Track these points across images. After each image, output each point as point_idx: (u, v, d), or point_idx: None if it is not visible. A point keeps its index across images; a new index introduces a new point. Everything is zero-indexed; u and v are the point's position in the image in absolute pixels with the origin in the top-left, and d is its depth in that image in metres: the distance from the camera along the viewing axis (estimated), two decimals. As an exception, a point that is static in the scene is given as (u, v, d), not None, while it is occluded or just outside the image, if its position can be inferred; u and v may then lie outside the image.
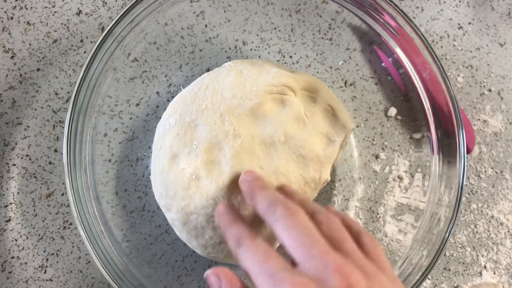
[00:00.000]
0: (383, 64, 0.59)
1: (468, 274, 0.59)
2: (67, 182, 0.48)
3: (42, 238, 0.55)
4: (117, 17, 0.50)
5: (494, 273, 0.60)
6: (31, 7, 0.59)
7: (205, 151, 0.49)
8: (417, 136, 0.57)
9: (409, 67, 0.55)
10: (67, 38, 0.58)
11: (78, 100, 0.49)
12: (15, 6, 0.58)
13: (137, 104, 0.57)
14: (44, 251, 0.55)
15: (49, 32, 0.58)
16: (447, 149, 0.52)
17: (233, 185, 0.49)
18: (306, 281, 0.34)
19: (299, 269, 0.36)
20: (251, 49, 0.60)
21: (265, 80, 0.51)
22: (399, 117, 0.59)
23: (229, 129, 0.49)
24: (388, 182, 0.58)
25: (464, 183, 0.50)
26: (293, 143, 0.50)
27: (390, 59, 0.58)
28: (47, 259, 0.55)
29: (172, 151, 0.51)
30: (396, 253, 0.53)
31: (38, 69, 0.58)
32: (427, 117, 0.54)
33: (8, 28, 0.58)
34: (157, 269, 0.54)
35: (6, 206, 0.55)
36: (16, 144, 0.56)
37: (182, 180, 0.50)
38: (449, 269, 0.59)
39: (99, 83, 0.51)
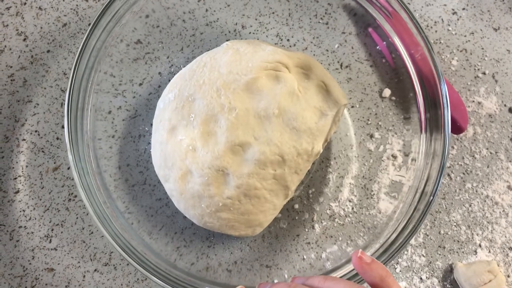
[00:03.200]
0: (377, 47, 0.61)
1: (463, 252, 0.60)
2: (70, 156, 0.50)
3: (48, 209, 0.58)
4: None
5: (489, 251, 0.60)
6: (43, -7, 0.62)
7: (201, 123, 0.52)
8: (408, 116, 0.58)
9: (402, 49, 0.57)
10: (76, 22, 0.62)
11: (76, 77, 0.52)
12: (28, -7, 0.62)
13: (140, 84, 0.60)
14: (50, 222, 0.58)
15: (59, 17, 0.62)
16: (435, 127, 0.54)
17: (228, 155, 0.51)
18: None
19: None
20: (249, 33, 0.63)
21: (260, 57, 0.53)
22: (393, 98, 0.60)
23: (225, 103, 0.52)
24: (382, 160, 0.59)
25: (448, 153, 0.51)
26: (286, 116, 0.52)
27: (385, 42, 0.60)
28: (52, 229, 0.58)
29: (170, 123, 0.53)
30: (386, 226, 0.55)
31: (48, 51, 0.61)
32: (416, 96, 0.56)
33: (21, 13, 0.62)
34: (157, 240, 0.57)
35: (15, 178, 0.58)
36: (26, 120, 0.59)
37: (180, 150, 0.52)
38: (444, 247, 0.60)
39: (99, 60, 0.54)
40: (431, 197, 0.50)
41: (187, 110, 0.53)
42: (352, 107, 0.61)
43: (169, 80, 0.56)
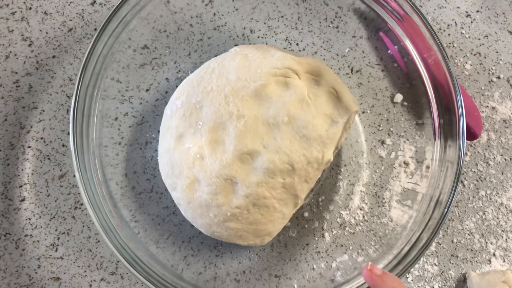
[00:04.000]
0: (389, 51, 0.59)
1: (476, 261, 0.59)
2: (74, 164, 0.49)
3: (54, 217, 0.57)
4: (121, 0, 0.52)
5: (504, 260, 0.59)
6: (48, -2, 0.61)
7: (209, 131, 0.51)
8: (421, 121, 0.57)
9: (414, 53, 0.55)
10: (81, 27, 0.61)
11: (82, 83, 0.51)
12: (34, -3, 0.61)
13: (147, 90, 0.59)
14: (56, 230, 0.57)
15: (65, 21, 0.61)
16: (449, 134, 0.52)
17: (237, 164, 0.50)
18: None
19: None
20: (258, 37, 0.61)
21: (269, 63, 0.52)
22: (405, 103, 0.59)
23: (233, 110, 0.50)
24: (394, 167, 0.58)
25: (463, 163, 0.50)
26: (296, 124, 0.51)
27: (396, 46, 0.58)
28: (58, 238, 0.57)
29: (178, 131, 0.52)
30: (400, 236, 0.53)
31: (53, 56, 0.60)
32: (430, 102, 0.54)
33: (26, 18, 0.61)
34: (164, 249, 0.56)
35: (21, 186, 0.57)
36: (31, 127, 0.59)
37: (187, 159, 0.51)
38: (457, 256, 0.59)
39: (105, 67, 0.53)
40: (446, 209, 0.49)
41: (195, 118, 0.52)
42: (363, 112, 0.60)
43: (177, 86, 0.55)
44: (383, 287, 0.41)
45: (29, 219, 0.57)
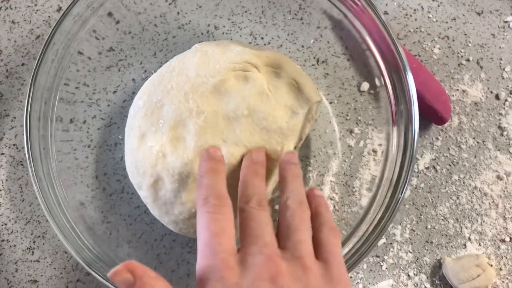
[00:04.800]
0: (353, 40, 0.59)
1: (451, 246, 0.58)
2: (30, 173, 0.50)
3: (29, 221, 0.58)
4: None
5: (480, 244, 0.58)
6: (15, 7, 0.62)
7: (170, 128, 0.51)
8: (381, 108, 0.57)
9: (371, 43, 0.55)
10: (48, 33, 0.62)
11: (35, 87, 0.51)
12: (1, 7, 0.62)
13: (114, 92, 0.60)
14: (31, 234, 0.58)
15: (32, 29, 0.62)
16: (406, 119, 0.52)
17: (198, 160, 0.50)
18: (238, 272, 0.37)
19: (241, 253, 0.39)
20: (223, 33, 0.62)
21: (228, 58, 0.52)
22: (371, 91, 0.59)
23: (193, 107, 0.51)
24: (363, 156, 0.58)
25: (416, 145, 0.49)
26: (256, 116, 0.51)
27: (358, 36, 0.58)
28: (34, 241, 0.58)
29: (140, 130, 0.53)
30: (364, 219, 0.53)
31: (23, 64, 0.61)
32: (387, 90, 0.54)
33: (-5, 28, 0.62)
34: (137, 248, 0.56)
35: (-4, 192, 0.59)
36: (4, 134, 0.60)
37: (150, 157, 0.51)
38: (431, 242, 0.58)
39: (63, 68, 0.54)
40: (400, 193, 0.49)
41: (156, 116, 0.52)
42: (331, 103, 0.60)
43: (143, 86, 0.55)
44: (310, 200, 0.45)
45: (5, 224, 0.58)
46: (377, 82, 0.56)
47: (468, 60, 0.62)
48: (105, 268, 0.50)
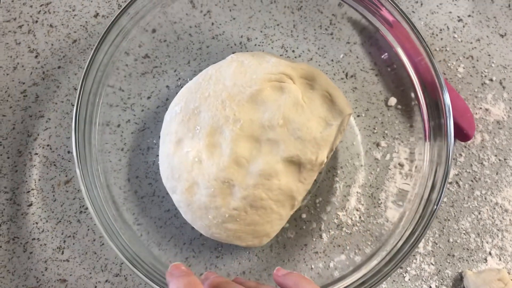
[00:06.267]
0: (383, 56, 0.61)
1: (472, 260, 0.60)
2: (77, 171, 0.51)
3: (60, 221, 0.59)
4: (120, 10, 0.54)
5: (500, 259, 0.59)
6: (54, 11, 0.64)
7: (207, 135, 0.53)
8: (413, 124, 0.58)
9: (404, 58, 0.57)
10: (85, 38, 0.63)
11: (84, 91, 0.53)
12: (40, 11, 0.64)
13: (148, 97, 0.61)
14: (62, 234, 0.59)
15: (70, 33, 0.64)
16: (439, 135, 0.54)
17: (233, 167, 0.52)
18: None
19: None
20: (255, 45, 0.63)
21: (265, 69, 0.54)
22: (399, 106, 0.60)
23: (230, 114, 0.52)
24: (389, 169, 0.60)
25: (451, 161, 0.51)
26: (291, 126, 0.52)
27: (386, 53, 0.60)
28: (64, 241, 0.59)
29: (177, 136, 0.54)
30: (393, 233, 0.55)
31: (59, 67, 0.63)
32: (420, 104, 0.56)
33: (33, 31, 0.63)
34: (166, 251, 0.57)
35: (28, 191, 0.60)
36: (38, 135, 0.61)
37: (186, 162, 0.53)
38: (453, 255, 0.60)
39: (107, 75, 0.56)
40: (435, 206, 0.50)
41: (193, 123, 0.54)
42: (358, 116, 0.62)
43: (177, 93, 0.57)
44: (287, 283, 0.44)
45: (36, 223, 0.59)
46: (407, 97, 0.58)
47: (491, 80, 0.64)
48: (140, 268, 0.51)
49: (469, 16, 0.65)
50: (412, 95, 0.57)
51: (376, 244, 0.56)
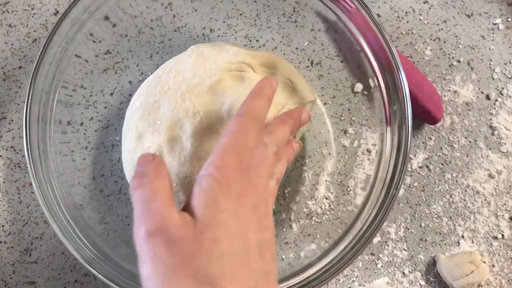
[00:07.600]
0: (346, 43, 0.60)
1: (445, 244, 0.59)
2: (31, 174, 0.50)
3: (27, 223, 0.59)
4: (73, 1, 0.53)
5: (473, 242, 0.59)
6: (12, 11, 0.63)
7: (167, 129, 0.52)
8: (375, 109, 0.58)
9: (364, 44, 0.56)
10: (46, 37, 0.62)
11: (35, 88, 0.52)
12: (-2, 11, 0.63)
13: (111, 94, 0.60)
14: (29, 235, 0.58)
15: (29, 33, 0.63)
16: (400, 119, 0.53)
17: (195, 160, 0.51)
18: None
19: None
20: (218, 36, 0.63)
21: (224, 58, 0.53)
22: (365, 92, 0.59)
23: (189, 107, 0.51)
24: (358, 155, 0.59)
25: (410, 144, 0.50)
26: (251, 116, 0.52)
27: (350, 39, 0.59)
28: (31, 243, 0.58)
29: (137, 131, 0.53)
30: (358, 218, 0.54)
31: (20, 67, 0.62)
32: (380, 90, 0.55)
33: (-8, 31, 0.63)
34: (134, 249, 0.57)
35: (-7, 194, 0.59)
36: (1, 136, 0.60)
37: (147, 158, 0.52)
38: (426, 240, 0.59)
39: (61, 71, 0.54)
40: (395, 190, 0.50)
41: (153, 117, 0.53)
42: (325, 104, 0.61)
43: (140, 88, 0.56)
44: None
45: (3, 226, 0.59)
46: (370, 83, 0.57)
47: (459, 61, 0.63)
48: (105, 267, 0.50)
49: (434, -3, 0.65)
50: (375, 80, 0.56)
51: (344, 230, 0.55)
